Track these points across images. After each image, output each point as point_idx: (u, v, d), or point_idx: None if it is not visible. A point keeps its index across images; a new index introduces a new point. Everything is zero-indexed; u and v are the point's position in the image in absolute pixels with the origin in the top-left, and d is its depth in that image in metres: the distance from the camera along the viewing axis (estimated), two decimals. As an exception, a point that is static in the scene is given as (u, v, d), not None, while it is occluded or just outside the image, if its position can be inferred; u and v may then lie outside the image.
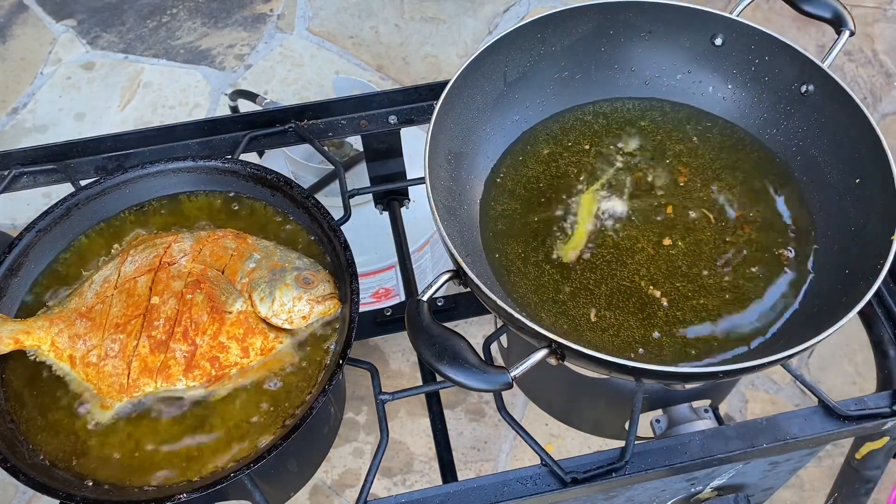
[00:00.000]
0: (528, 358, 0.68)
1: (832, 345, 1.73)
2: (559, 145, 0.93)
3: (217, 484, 0.71)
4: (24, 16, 2.31)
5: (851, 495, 1.01)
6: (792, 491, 1.58)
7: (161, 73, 2.18)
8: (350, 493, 1.61)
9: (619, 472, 0.78)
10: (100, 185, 0.91)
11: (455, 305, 1.23)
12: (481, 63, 0.88)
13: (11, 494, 1.59)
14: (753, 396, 1.69)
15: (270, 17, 2.29)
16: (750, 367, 0.68)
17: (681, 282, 0.82)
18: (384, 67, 2.17)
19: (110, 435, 0.77)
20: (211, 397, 0.79)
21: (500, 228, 0.86)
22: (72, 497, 0.72)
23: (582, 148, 0.92)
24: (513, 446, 1.65)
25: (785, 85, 0.89)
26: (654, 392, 0.88)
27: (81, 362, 0.81)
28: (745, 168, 0.90)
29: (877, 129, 0.80)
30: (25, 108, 2.12)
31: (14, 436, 0.77)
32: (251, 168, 0.92)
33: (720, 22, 0.91)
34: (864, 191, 0.81)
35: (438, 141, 0.83)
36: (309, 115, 1.05)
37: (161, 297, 0.81)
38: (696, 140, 0.93)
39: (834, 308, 0.73)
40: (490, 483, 0.78)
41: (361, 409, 1.70)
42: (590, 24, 0.93)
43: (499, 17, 2.28)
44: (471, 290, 0.74)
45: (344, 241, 0.85)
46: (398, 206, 1.14)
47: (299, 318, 0.82)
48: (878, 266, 0.72)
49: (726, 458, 0.79)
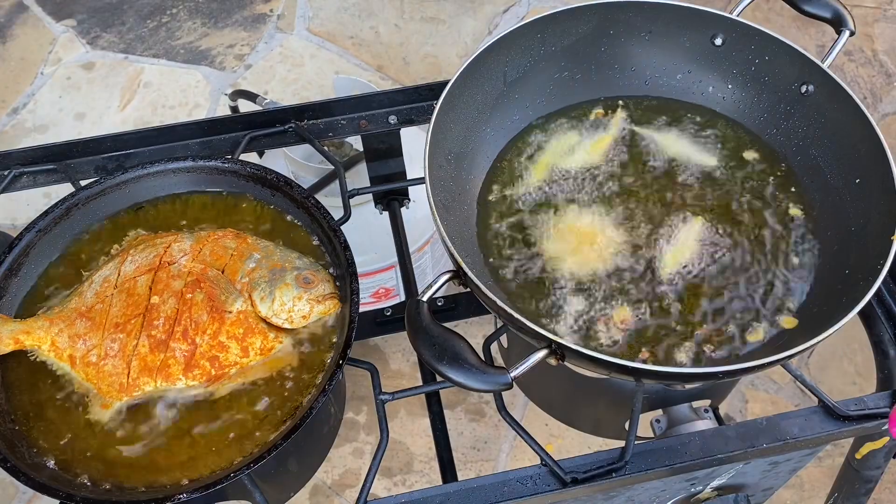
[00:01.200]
0: (528, 358, 0.68)
1: (832, 345, 1.73)
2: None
3: (217, 484, 0.71)
4: (24, 16, 2.31)
5: (851, 495, 1.01)
6: (792, 491, 1.58)
7: (161, 73, 2.18)
8: (350, 493, 1.60)
9: (619, 472, 0.78)
10: (100, 185, 0.91)
11: (455, 305, 1.23)
12: (481, 63, 0.88)
13: (11, 494, 1.59)
14: (753, 396, 1.69)
15: (270, 17, 2.29)
16: (750, 367, 0.68)
17: (681, 281, 0.82)
18: (384, 67, 2.17)
19: (110, 434, 0.77)
20: (210, 397, 0.79)
21: (500, 228, 0.86)
22: (72, 497, 0.72)
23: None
24: (513, 446, 1.65)
25: (785, 85, 0.89)
26: (654, 392, 0.88)
27: (81, 362, 0.81)
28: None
29: (877, 129, 0.80)
30: (25, 108, 2.12)
31: (14, 436, 0.77)
32: (251, 168, 0.92)
33: (720, 22, 0.91)
34: (864, 191, 0.81)
35: (438, 141, 0.83)
36: (309, 115, 1.05)
37: (161, 296, 0.81)
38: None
39: (834, 308, 0.73)
40: (490, 483, 0.78)
41: (361, 409, 1.70)
42: (590, 24, 0.92)
43: (499, 17, 2.28)
44: (471, 290, 0.74)
45: (344, 241, 0.85)
46: (398, 206, 1.14)
47: (299, 317, 0.82)
48: (878, 266, 0.72)
49: (726, 458, 0.79)
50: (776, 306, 0.80)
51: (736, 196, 0.88)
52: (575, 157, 0.92)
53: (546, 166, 0.91)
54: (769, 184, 0.89)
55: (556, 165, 0.91)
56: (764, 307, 0.80)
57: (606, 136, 0.93)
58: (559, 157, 0.92)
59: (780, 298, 0.81)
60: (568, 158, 0.92)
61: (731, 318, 0.80)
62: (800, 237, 0.85)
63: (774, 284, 0.82)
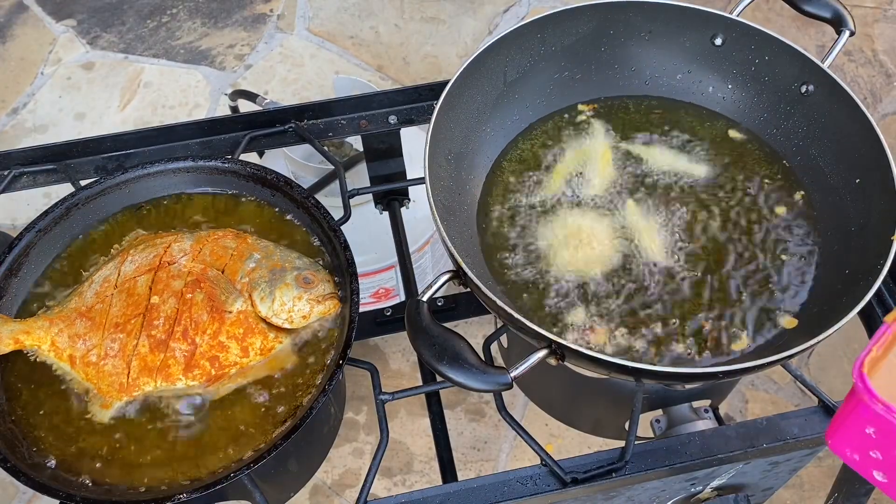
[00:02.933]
0: (528, 358, 0.68)
1: (832, 345, 1.73)
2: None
3: (217, 484, 0.71)
4: (24, 16, 2.31)
5: (851, 495, 1.01)
6: (792, 491, 1.58)
7: (161, 73, 2.18)
8: (350, 493, 1.60)
9: (619, 472, 0.78)
10: (100, 185, 0.91)
11: (455, 305, 1.23)
12: (481, 63, 0.88)
13: (11, 494, 1.59)
14: (753, 396, 1.69)
15: (270, 17, 2.29)
16: (750, 368, 0.68)
17: (680, 281, 0.82)
18: (384, 67, 2.17)
19: (110, 434, 0.77)
20: (210, 397, 0.79)
21: (500, 228, 0.86)
22: (72, 497, 0.72)
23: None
24: (513, 446, 1.65)
25: (785, 85, 0.89)
26: (654, 392, 0.88)
27: (81, 362, 0.81)
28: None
29: (877, 129, 0.80)
30: (25, 108, 2.12)
31: (14, 436, 0.77)
32: (251, 168, 0.92)
33: (720, 22, 0.91)
34: (864, 191, 0.81)
35: (438, 141, 0.83)
36: (309, 115, 1.05)
37: (161, 296, 0.81)
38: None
39: (834, 308, 0.73)
40: (490, 483, 0.78)
41: (361, 409, 1.70)
42: (590, 24, 0.92)
43: (499, 17, 2.28)
44: (471, 290, 0.74)
45: (344, 241, 0.85)
46: (398, 206, 1.14)
47: (299, 317, 0.82)
48: (878, 266, 0.72)
49: (726, 458, 0.79)
50: (776, 306, 0.80)
51: (736, 196, 0.88)
52: (576, 157, 0.92)
53: (546, 167, 0.91)
54: (769, 184, 0.89)
55: (557, 166, 0.91)
56: (764, 307, 0.80)
57: (607, 138, 0.93)
58: (560, 158, 0.92)
59: (780, 298, 0.81)
60: (569, 159, 0.92)
61: (731, 318, 0.79)
62: (800, 237, 0.85)
63: (775, 284, 0.81)
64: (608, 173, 0.90)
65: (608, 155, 0.92)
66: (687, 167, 0.90)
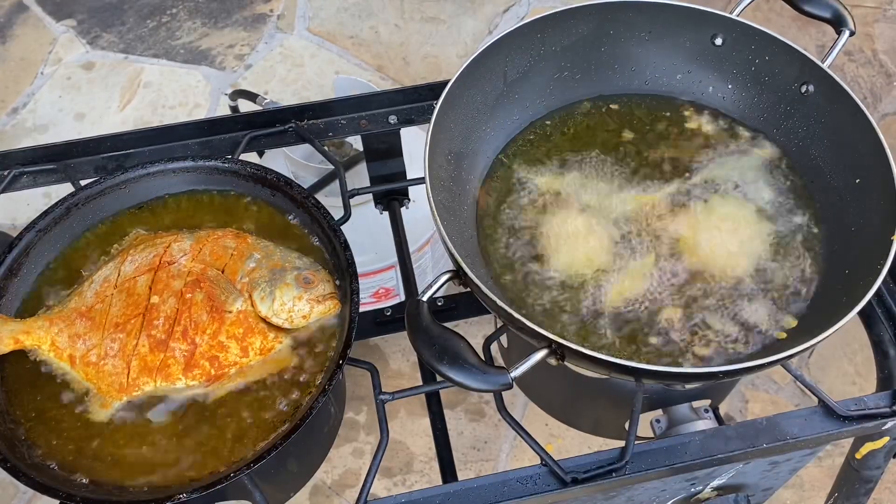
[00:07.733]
0: (528, 358, 0.68)
1: (832, 345, 1.73)
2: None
3: (217, 484, 0.71)
4: (24, 16, 2.31)
5: (851, 495, 1.01)
6: (792, 491, 1.58)
7: (161, 73, 2.18)
8: (350, 493, 1.60)
9: (619, 472, 0.78)
10: (100, 185, 0.91)
11: (455, 305, 1.23)
12: (481, 63, 0.88)
13: (11, 494, 1.59)
14: (753, 396, 1.69)
15: (270, 17, 2.29)
16: (750, 367, 0.68)
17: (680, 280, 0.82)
18: (384, 67, 2.17)
19: (110, 434, 0.77)
20: (210, 396, 0.79)
21: (500, 228, 0.86)
22: (72, 497, 0.72)
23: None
24: (513, 446, 1.65)
25: (785, 85, 0.89)
26: (654, 392, 0.88)
27: (81, 362, 0.81)
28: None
29: (877, 129, 0.80)
30: (25, 108, 2.12)
31: (14, 436, 0.77)
32: (251, 168, 0.92)
33: (720, 22, 0.91)
34: (864, 191, 0.81)
35: (438, 141, 0.83)
36: (309, 115, 1.05)
37: (161, 296, 0.81)
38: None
39: (834, 308, 0.73)
40: (490, 483, 0.78)
41: (361, 409, 1.70)
42: (590, 24, 0.92)
43: (499, 17, 2.28)
44: (471, 290, 0.74)
45: (344, 241, 0.85)
46: (398, 206, 1.14)
47: (299, 317, 0.82)
48: (878, 266, 0.72)
49: (726, 458, 0.79)
50: (776, 306, 0.80)
51: (736, 195, 0.88)
52: (576, 158, 0.92)
53: (547, 167, 0.91)
54: (769, 184, 0.89)
55: (557, 166, 0.91)
56: (764, 307, 0.80)
57: (607, 138, 0.93)
58: (560, 158, 0.92)
59: (780, 298, 0.81)
60: (569, 159, 0.92)
61: (731, 317, 0.79)
62: (800, 237, 0.85)
63: (774, 284, 0.81)
64: (611, 174, 0.90)
65: (611, 156, 0.92)
66: (690, 167, 0.90)
